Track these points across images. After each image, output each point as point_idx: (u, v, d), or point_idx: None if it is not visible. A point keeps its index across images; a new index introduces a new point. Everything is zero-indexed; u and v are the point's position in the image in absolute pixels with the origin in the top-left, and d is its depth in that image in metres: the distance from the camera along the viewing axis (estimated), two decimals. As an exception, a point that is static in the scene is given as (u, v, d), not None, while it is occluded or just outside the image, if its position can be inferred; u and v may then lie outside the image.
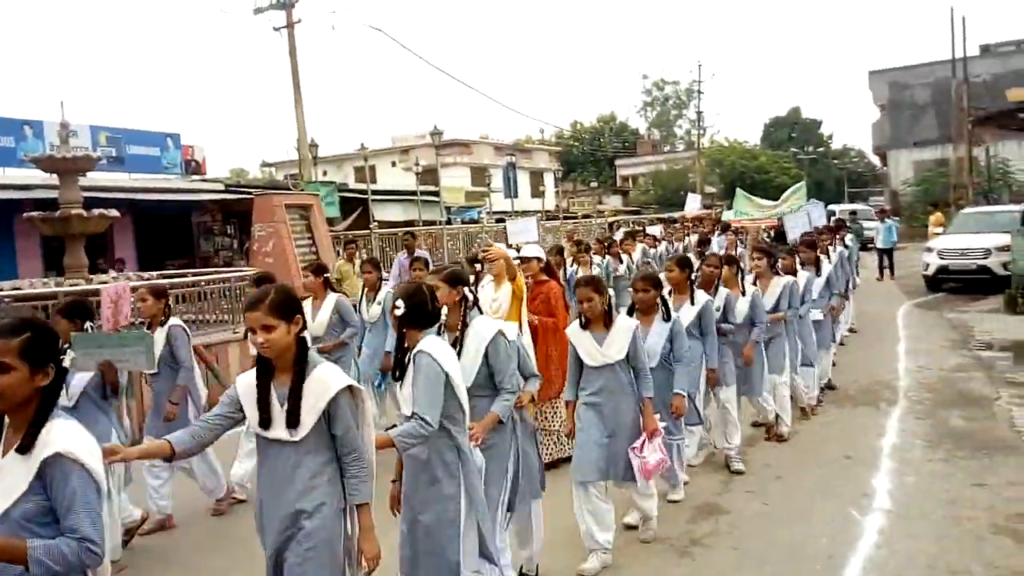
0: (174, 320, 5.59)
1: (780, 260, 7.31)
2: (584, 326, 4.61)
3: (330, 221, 20.65)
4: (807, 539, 4.78)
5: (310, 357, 2.96)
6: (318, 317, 6.43)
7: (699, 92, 49.90)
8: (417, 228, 20.06)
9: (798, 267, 7.60)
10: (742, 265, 6.50)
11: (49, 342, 2.35)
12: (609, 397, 4.53)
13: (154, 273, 11.66)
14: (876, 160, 58.64)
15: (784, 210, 15.28)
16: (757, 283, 6.68)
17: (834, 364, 9.19)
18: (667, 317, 5.09)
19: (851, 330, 11.62)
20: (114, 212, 10.65)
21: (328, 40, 61.50)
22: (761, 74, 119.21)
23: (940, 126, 39.91)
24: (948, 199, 30.93)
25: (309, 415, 2.86)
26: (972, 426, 6.94)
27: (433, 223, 22.10)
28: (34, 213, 10.32)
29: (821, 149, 62.13)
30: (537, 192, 46.63)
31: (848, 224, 18.48)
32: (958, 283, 16.20)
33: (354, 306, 6.99)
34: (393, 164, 43.57)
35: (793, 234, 11.37)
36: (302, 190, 16.93)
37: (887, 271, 19.59)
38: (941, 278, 16.40)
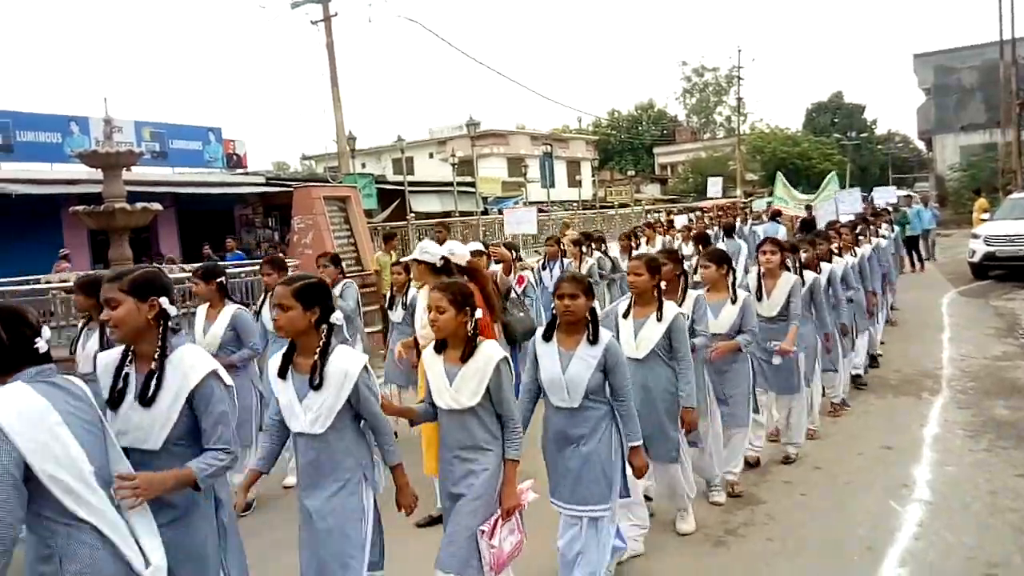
0: (234, 304, 5.58)
1: (801, 252, 6.67)
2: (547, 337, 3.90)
3: (368, 213, 20.84)
4: (845, 530, 4.73)
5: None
6: (211, 330, 5.49)
7: (739, 78, 49.23)
8: (454, 219, 20.13)
9: (834, 254, 7.48)
10: (687, 267, 5.24)
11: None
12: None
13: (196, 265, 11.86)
14: (921, 145, 57.39)
15: (818, 200, 15.13)
16: (762, 283, 5.88)
17: (880, 355, 9.09)
18: (593, 339, 3.74)
19: (888, 322, 11.41)
20: (157, 206, 10.86)
21: (365, 33, 61.86)
22: (803, 59, 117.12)
23: (988, 110, 38.88)
24: (996, 184, 30.19)
25: None
26: (1016, 416, 6.79)
27: (470, 214, 22.16)
28: (79, 207, 10.56)
29: (865, 135, 60.88)
30: (574, 181, 46.54)
31: (894, 210, 18.19)
32: (1005, 270, 15.83)
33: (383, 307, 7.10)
34: (430, 156, 43.75)
35: (823, 223, 11.22)
36: (340, 183, 17.08)
37: (920, 261, 18.75)
38: (987, 265, 16.03)
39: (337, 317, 3.23)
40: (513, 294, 6.60)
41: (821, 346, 6.35)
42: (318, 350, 3.15)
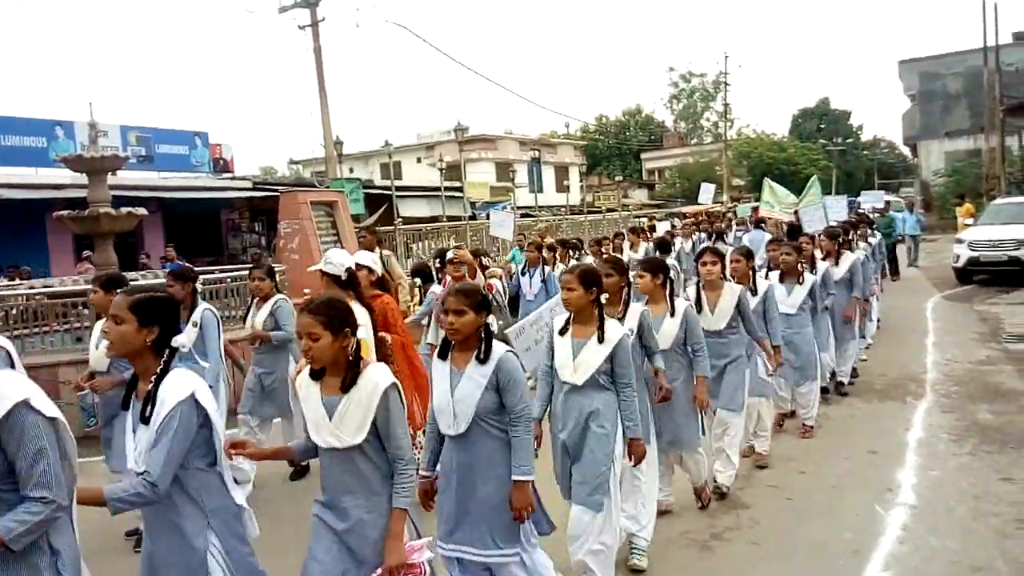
0: (205, 305, 5.59)
1: (777, 258, 6.83)
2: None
3: (355, 218, 20.78)
4: (829, 534, 4.75)
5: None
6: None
7: (726, 84, 49.48)
8: (441, 224, 20.11)
9: (818, 259, 7.47)
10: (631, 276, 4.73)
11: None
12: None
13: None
14: (907, 151, 57.82)
15: (802, 205, 15.19)
16: (702, 295, 5.43)
17: (864, 360, 9.13)
18: (483, 358, 3.36)
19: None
20: (142, 210, 10.80)
21: (353, 37, 61.84)
22: (789, 65, 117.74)
23: (972, 116, 39.22)
24: (980, 190, 30.45)
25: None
26: (1000, 420, 6.84)
27: (458, 219, 22.14)
28: (63, 212, 10.49)
29: (851, 140, 61.40)
30: (562, 187, 46.59)
31: (881, 215, 18.29)
32: (988, 275, 15.97)
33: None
34: (418, 160, 43.72)
35: (810, 228, 11.25)
36: (327, 187, 17.05)
37: (896, 271, 18.12)
38: (971, 270, 16.17)
39: (180, 341, 2.81)
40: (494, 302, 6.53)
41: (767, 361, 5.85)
42: (154, 377, 2.72)
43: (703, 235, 14.87)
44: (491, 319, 3.57)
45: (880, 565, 4.35)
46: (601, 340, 3.92)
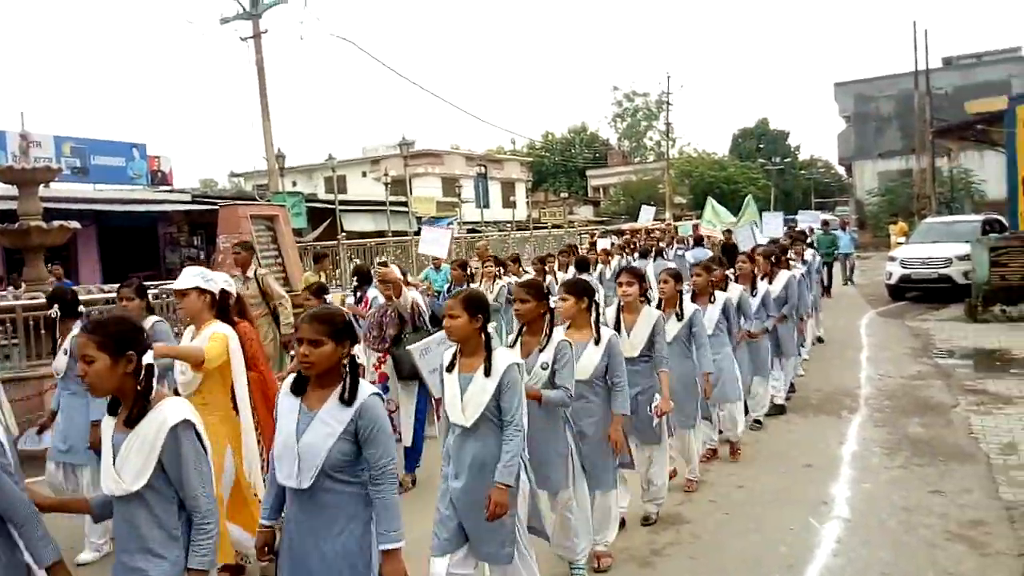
0: (155, 317, 5.39)
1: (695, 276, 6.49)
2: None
3: (298, 232, 20.52)
4: (766, 548, 4.81)
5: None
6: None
7: (668, 104, 50.32)
8: (386, 239, 19.98)
9: (731, 281, 7.12)
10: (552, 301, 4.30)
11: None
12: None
13: (104, 286, 11.52)
14: (842, 171, 59.60)
15: (739, 224, 15.51)
16: (621, 319, 5.10)
17: (802, 375, 9.31)
18: (347, 399, 2.93)
19: (819, 339, 11.76)
20: (75, 224, 10.50)
21: (298, 50, 61.26)
22: (729, 86, 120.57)
23: (904, 137, 40.63)
24: (912, 209, 31.48)
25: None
26: (930, 433, 7.04)
27: (404, 234, 22.01)
28: (-8, 225, 10.15)
29: (788, 160, 62.94)
30: (508, 202, 46.77)
31: (822, 233, 18.72)
32: (920, 292, 16.47)
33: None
34: (364, 174, 43.45)
35: (743, 246, 11.44)
36: (269, 201, 16.79)
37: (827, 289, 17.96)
38: (904, 287, 16.67)
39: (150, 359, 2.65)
40: (419, 321, 6.15)
41: (700, 388, 5.65)
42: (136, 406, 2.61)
43: (629, 258, 14.20)
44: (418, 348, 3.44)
45: (815, 578, 4.42)
46: (488, 373, 3.52)
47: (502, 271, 9.98)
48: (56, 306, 5.45)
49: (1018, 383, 8.60)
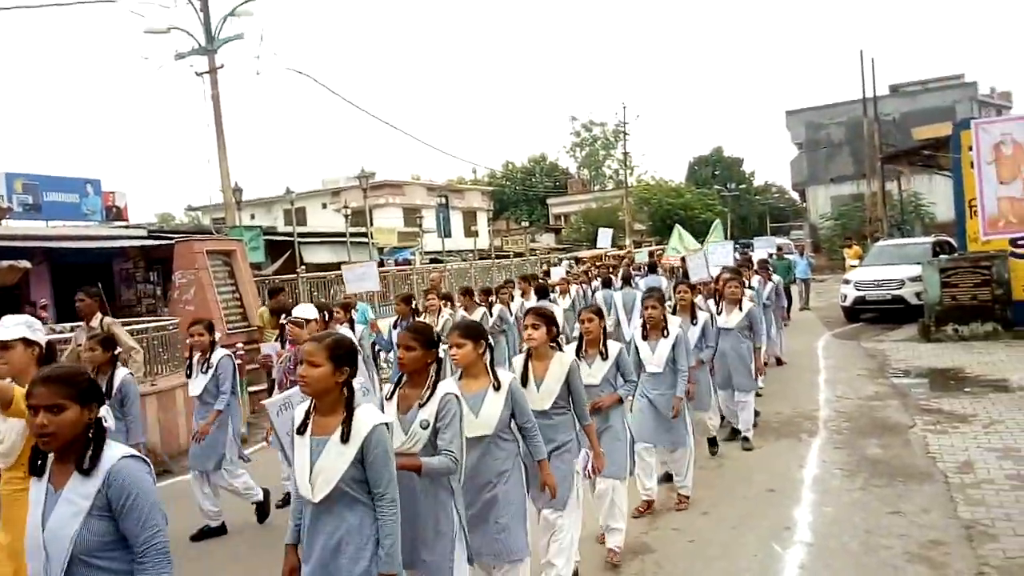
0: (125, 370, 5.49)
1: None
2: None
3: (257, 266, 20.29)
4: (730, 575, 4.81)
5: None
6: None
7: (625, 133, 51.02)
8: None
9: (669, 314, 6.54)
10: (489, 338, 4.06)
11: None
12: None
13: (67, 325, 11.25)
14: (796, 196, 60.81)
15: (709, 247, 15.62)
16: (530, 365, 4.52)
17: (759, 394, 9.32)
18: (86, 468, 2.58)
19: (779, 361, 11.88)
20: (24, 263, 10.30)
21: (255, 84, 61.13)
22: (684, 115, 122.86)
23: (855, 162, 41.64)
24: (865, 232, 32.15)
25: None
26: (888, 454, 7.13)
27: (364, 265, 21.85)
28: (-62, 265, 9.88)
29: (743, 186, 64.02)
30: (470, 231, 46.82)
31: (776, 258, 18.95)
32: (875, 313, 16.77)
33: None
34: (324, 206, 43.23)
35: (696, 275, 11.50)
36: (225, 235, 16.61)
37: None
38: (859, 309, 16.95)
39: (107, 421, 2.55)
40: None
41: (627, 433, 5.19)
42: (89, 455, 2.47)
43: (586, 287, 13.79)
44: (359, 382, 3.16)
45: (779, 604, 4.42)
46: (345, 438, 2.96)
47: (449, 304, 9.73)
48: None
49: (972, 402, 8.76)
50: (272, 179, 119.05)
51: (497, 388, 3.88)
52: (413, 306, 8.74)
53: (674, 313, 6.84)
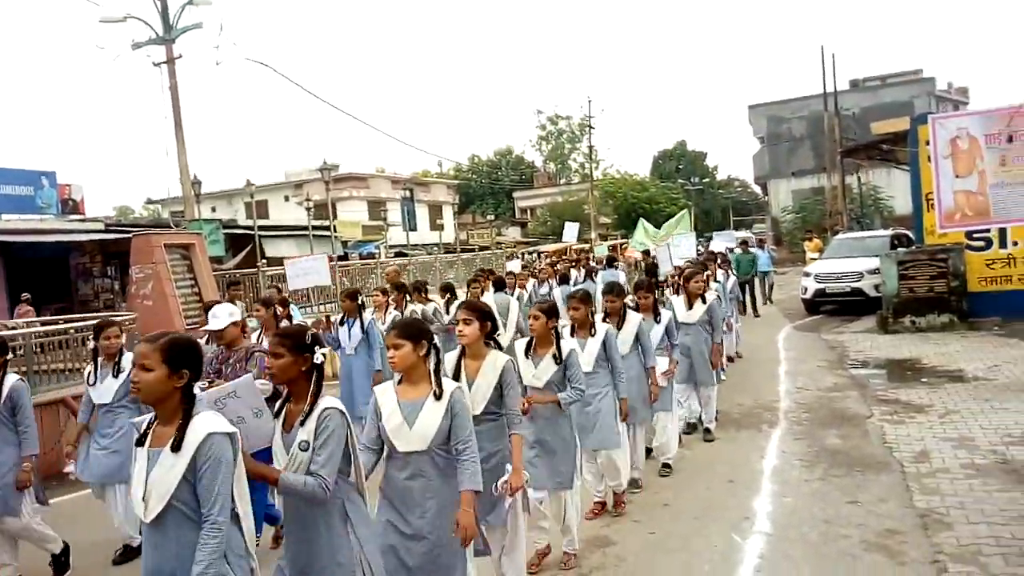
0: (14, 376, 5.16)
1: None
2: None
3: (218, 260, 20.02)
4: (691, 567, 4.83)
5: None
6: None
7: (590, 127, 51.15)
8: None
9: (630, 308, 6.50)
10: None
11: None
12: None
13: (20, 321, 11.00)
14: (758, 189, 61.48)
15: (671, 239, 15.70)
16: (463, 365, 4.16)
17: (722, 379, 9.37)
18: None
19: (737, 355, 11.99)
20: (-27, 258, 9.99)
21: (216, 75, 60.22)
22: (649, 109, 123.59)
23: (815, 156, 42.24)
24: (825, 225, 32.62)
25: None
26: (847, 444, 7.21)
27: (328, 259, 21.62)
28: None
29: (707, 180, 64.69)
30: (436, 225, 46.63)
31: (741, 252, 19.04)
32: (834, 305, 17.00)
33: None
34: (286, 199, 42.74)
35: (665, 267, 11.49)
36: (184, 228, 16.33)
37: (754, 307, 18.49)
38: (818, 301, 17.17)
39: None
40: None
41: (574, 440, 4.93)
42: None
43: (551, 281, 13.20)
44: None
45: (739, 595, 4.45)
46: (176, 448, 2.68)
47: (406, 299, 9.23)
48: None
49: (928, 392, 8.91)
50: (234, 172, 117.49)
51: (438, 397, 3.48)
52: (360, 302, 8.17)
53: (604, 320, 6.08)
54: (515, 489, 3.95)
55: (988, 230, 13.36)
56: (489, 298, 10.49)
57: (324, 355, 3.21)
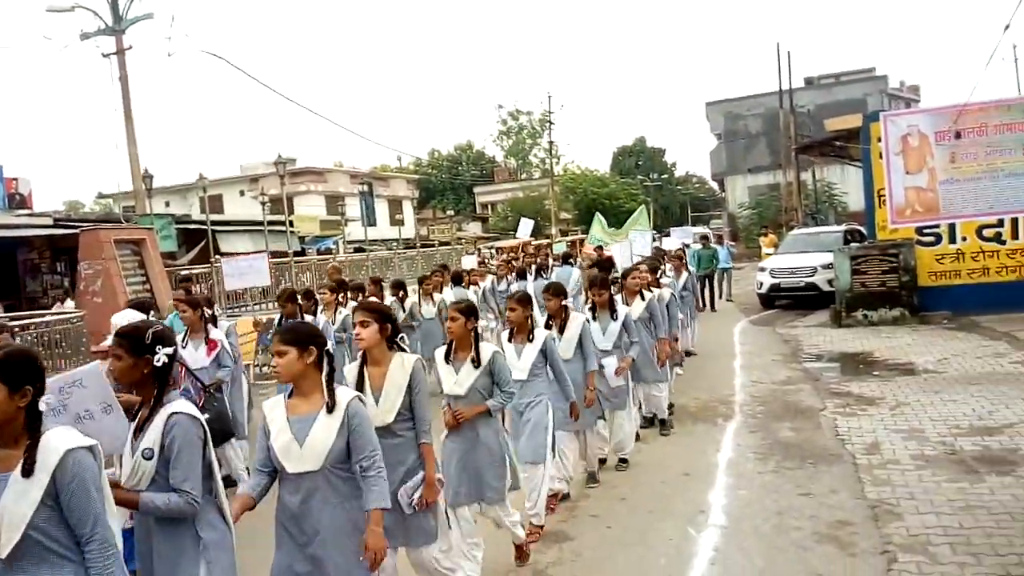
0: None
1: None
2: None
3: (171, 255, 19.64)
4: (646, 561, 4.84)
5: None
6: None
7: (550, 122, 51.20)
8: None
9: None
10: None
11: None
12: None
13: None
14: (715, 186, 62.22)
15: (631, 236, 15.75)
16: (365, 373, 3.82)
17: (680, 373, 9.43)
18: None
19: (688, 353, 11.99)
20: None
21: (169, 67, 59.05)
22: (609, 106, 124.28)
23: (771, 153, 42.82)
24: (780, 221, 33.10)
25: None
26: (800, 437, 7.30)
27: (284, 254, 21.36)
28: None
29: (666, 176, 65.11)
30: (395, 220, 46.36)
31: (701, 248, 19.20)
32: (789, 300, 17.24)
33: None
34: (241, 193, 42.15)
35: (623, 263, 11.51)
36: (135, 223, 15.99)
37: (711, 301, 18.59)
38: (773, 295, 17.41)
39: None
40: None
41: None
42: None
43: (509, 278, 13.12)
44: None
45: (693, 588, 4.47)
46: (27, 472, 2.35)
47: (347, 297, 8.93)
48: None
49: (880, 385, 9.06)
50: (189, 166, 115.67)
51: (330, 410, 3.14)
52: (299, 303, 7.61)
53: (547, 325, 5.80)
54: (429, 503, 3.73)
55: (938, 226, 13.64)
56: (448, 294, 10.52)
57: (169, 355, 2.93)
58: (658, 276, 8.88)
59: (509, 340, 5.32)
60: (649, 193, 55.72)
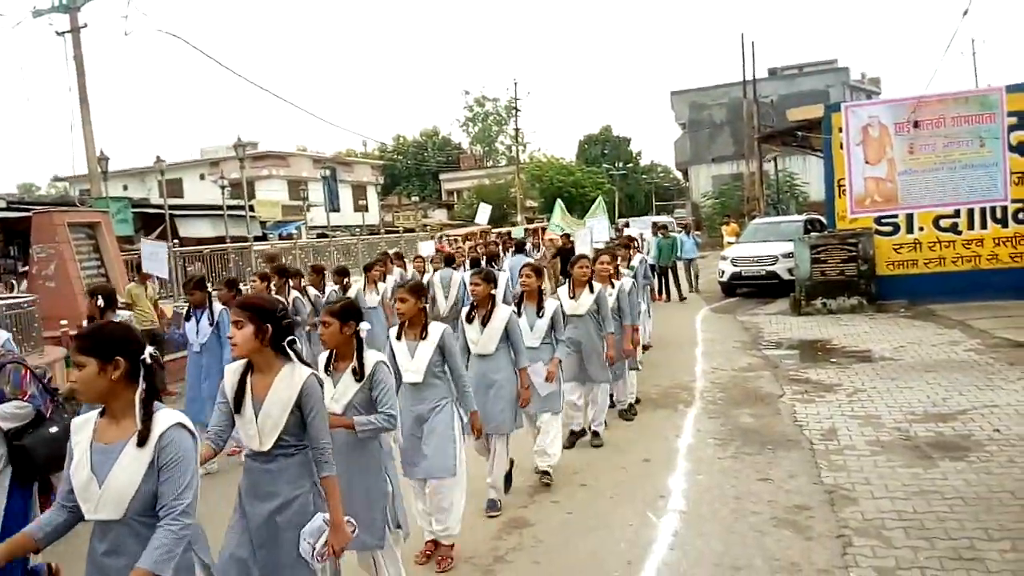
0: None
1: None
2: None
3: (128, 239, 19.25)
4: (606, 546, 4.84)
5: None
6: None
7: (516, 109, 51.07)
8: (226, 245, 19.02)
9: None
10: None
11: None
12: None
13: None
14: (679, 175, 62.60)
15: (588, 223, 15.77)
16: (248, 379, 3.17)
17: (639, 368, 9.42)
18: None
19: (646, 347, 11.98)
20: None
21: (127, 46, 57.77)
22: (575, 94, 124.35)
23: (735, 143, 43.17)
24: (743, 210, 33.42)
25: None
26: (759, 423, 7.37)
27: (244, 239, 21.05)
28: None
29: (631, 165, 65.36)
30: (359, 206, 46.00)
31: (661, 238, 19.10)
32: (750, 288, 17.43)
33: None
34: (202, 177, 41.46)
35: (582, 250, 11.49)
36: (90, 207, 15.61)
37: (666, 291, 18.14)
38: (735, 284, 17.59)
39: None
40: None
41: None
42: None
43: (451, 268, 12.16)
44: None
45: (653, 573, 4.48)
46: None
47: (289, 285, 8.70)
48: None
49: (837, 371, 9.19)
50: (148, 150, 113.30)
51: (141, 442, 2.46)
52: (209, 293, 7.25)
53: (471, 312, 5.54)
54: (338, 552, 3.11)
55: (896, 216, 13.85)
56: (390, 281, 10.02)
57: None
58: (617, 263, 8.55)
59: (398, 338, 4.62)
60: (614, 182, 55.94)
